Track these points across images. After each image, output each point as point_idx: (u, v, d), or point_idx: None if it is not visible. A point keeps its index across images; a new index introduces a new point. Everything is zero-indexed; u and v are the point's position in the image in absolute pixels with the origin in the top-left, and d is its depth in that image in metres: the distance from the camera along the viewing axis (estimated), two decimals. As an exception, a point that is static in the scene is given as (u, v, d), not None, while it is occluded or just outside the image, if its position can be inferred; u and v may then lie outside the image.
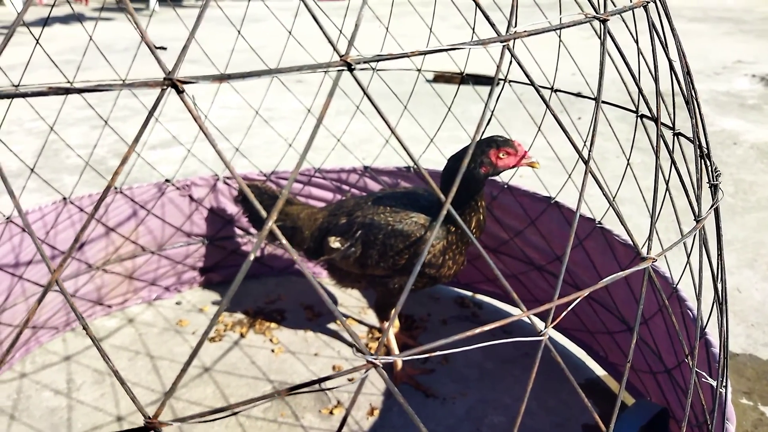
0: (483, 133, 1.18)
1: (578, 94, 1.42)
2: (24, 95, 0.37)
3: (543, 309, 0.45)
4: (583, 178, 0.44)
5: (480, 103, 3.54)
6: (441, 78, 4.25)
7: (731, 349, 1.64)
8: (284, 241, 0.42)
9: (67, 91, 0.36)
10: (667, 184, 0.92)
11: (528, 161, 1.26)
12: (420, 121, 1.77)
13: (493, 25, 0.42)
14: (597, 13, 0.46)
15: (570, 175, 1.46)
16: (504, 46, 0.40)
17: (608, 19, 0.45)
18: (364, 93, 0.40)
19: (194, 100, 0.39)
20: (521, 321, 1.72)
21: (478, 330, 0.45)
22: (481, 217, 1.35)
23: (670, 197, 0.95)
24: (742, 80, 4.58)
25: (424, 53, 0.41)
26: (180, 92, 0.37)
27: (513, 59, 0.41)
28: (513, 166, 1.27)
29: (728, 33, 6.61)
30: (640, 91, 0.59)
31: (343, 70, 0.38)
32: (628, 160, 1.17)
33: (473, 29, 1.16)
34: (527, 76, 0.47)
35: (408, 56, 0.39)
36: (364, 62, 0.39)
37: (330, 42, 0.39)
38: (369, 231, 1.39)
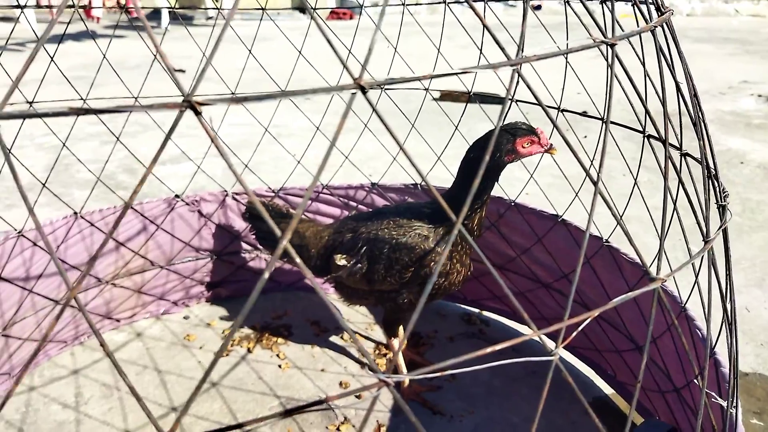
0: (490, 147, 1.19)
1: (585, 114, 1.43)
2: (45, 115, 0.38)
3: (554, 329, 0.45)
4: (593, 199, 0.44)
5: (486, 122, 3.56)
6: (447, 96, 4.28)
7: (741, 368, 1.63)
8: (298, 259, 0.42)
9: (86, 112, 0.37)
10: (674, 204, 0.93)
11: (548, 148, 1.27)
12: (426, 138, 1.79)
13: (503, 49, 0.43)
14: (605, 37, 0.47)
15: (577, 193, 1.47)
16: (514, 70, 0.41)
17: (616, 44, 0.46)
18: (377, 114, 0.41)
19: (211, 121, 0.40)
20: (530, 339, 1.71)
21: (489, 350, 0.45)
22: (482, 215, 1.35)
23: (678, 217, 0.95)
24: (748, 100, 4.59)
25: (435, 77, 0.42)
26: (198, 113, 0.38)
27: (524, 82, 0.42)
28: (534, 154, 1.28)
29: (734, 54, 6.64)
30: (647, 112, 0.60)
31: (356, 93, 0.40)
32: (635, 180, 1.17)
33: (480, 51, 1.18)
34: (536, 98, 0.48)
35: (419, 80, 0.40)
36: (377, 86, 0.40)
37: (344, 65, 0.40)
38: (374, 246, 1.39)
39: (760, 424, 1.44)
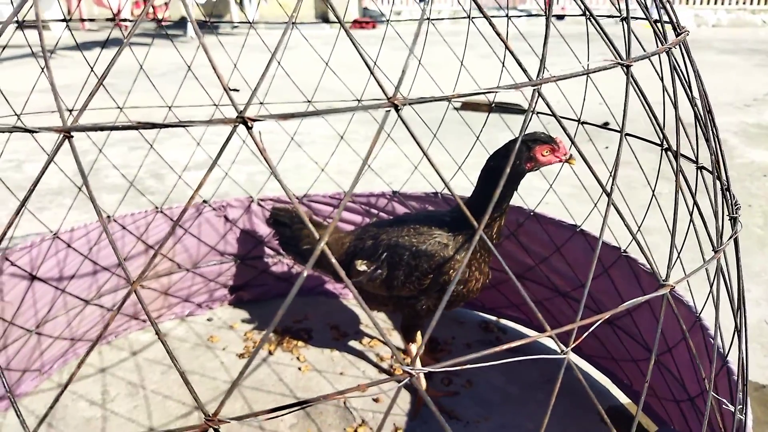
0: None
1: (604, 126, 1.46)
2: (114, 128, 0.43)
3: (566, 329, 0.48)
4: (605, 211, 0.48)
5: (506, 131, 3.59)
6: (468, 106, 4.31)
7: (759, 380, 1.63)
8: (333, 260, 0.46)
9: (152, 126, 0.41)
10: (691, 215, 0.95)
11: (567, 158, 1.30)
12: (447, 147, 1.83)
13: (525, 71, 0.46)
14: (621, 58, 0.50)
15: (596, 204, 1.49)
16: (534, 90, 0.45)
17: (632, 65, 0.50)
18: (408, 131, 0.44)
19: (260, 134, 0.44)
20: (545, 346, 1.73)
21: (504, 346, 0.49)
22: (502, 224, 1.38)
23: (694, 228, 0.97)
24: (773, 112, 4.55)
25: (461, 96, 0.46)
26: (249, 128, 0.42)
27: (543, 101, 0.46)
28: (553, 163, 1.30)
29: (760, 65, 6.57)
30: (661, 129, 0.63)
31: (390, 110, 0.43)
32: (653, 191, 1.20)
33: (503, 64, 1.21)
34: (553, 114, 0.51)
35: (447, 99, 0.43)
36: (409, 104, 0.44)
37: (378, 83, 0.44)
38: (394, 253, 1.43)
39: (777, 437, 1.44)
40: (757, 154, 3.55)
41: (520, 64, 0.46)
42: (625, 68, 0.50)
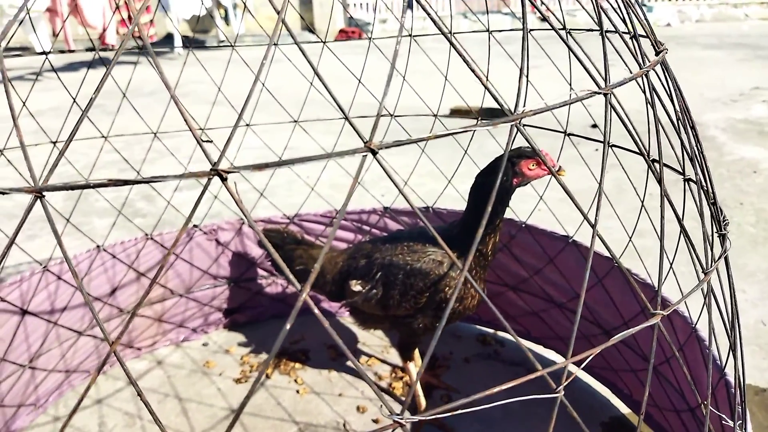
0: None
1: (590, 138, 1.45)
2: (88, 187, 0.42)
3: (557, 368, 0.48)
4: (591, 240, 0.47)
5: (496, 137, 3.59)
6: (457, 113, 4.32)
7: (759, 384, 1.62)
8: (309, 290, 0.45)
9: (126, 183, 0.40)
10: (681, 225, 0.95)
11: (556, 170, 1.29)
12: (437, 156, 1.82)
13: (502, 108, 0.46)
14: (599, 87, 0.50)
15: (585, 216, 1.48)
16: (512, 125, 0.44)
17: (609, 93, 0.49)
18: (386, 173, 0.44)
19: (236, 188, 0.44)
20: (546, 359, 1.72)
21: (507, 385, 0.48)
22: (497, 239, 1.37)
23: (687, 236, 0.97)
24: (761, 107, 4.57)
25: (438, 137, 0.45)
26: (224, 180, 0.41)
27: (521, 136, 0.45)
28: (542, 176, 1.30)
29: (744, 59, 6.62)
30: (639, 145, 0.62)
31: (366, 155, 0.43)
32: (642, 201, 1.19)
33: (486, 78, 1.21)
34: (541, 158, 0.50)
35: (426, 140, 0.43)
36: (386, 147, 0.43)
37: (356, 131, 0.44)
38: (389, 272, 1.42)
39: (780, 440, 1.43)
40: (746, 151, 3.56)
41: (497, 100, 0.45)
42: (604, 96, 0.49)
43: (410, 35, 1.40)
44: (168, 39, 9.59)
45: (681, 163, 0.91)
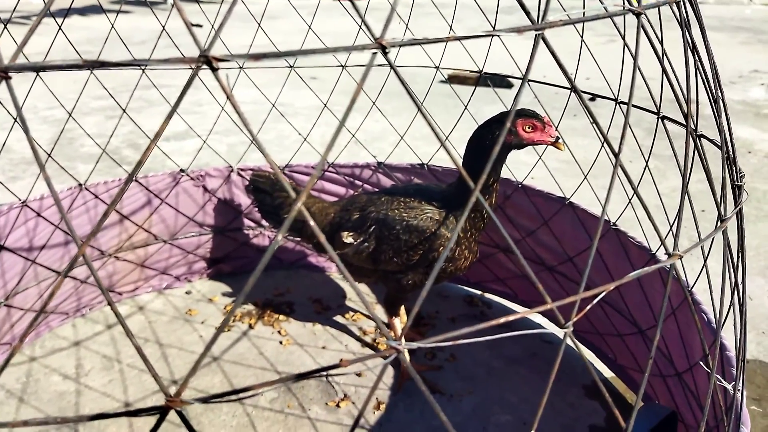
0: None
1: (596, 96, 1.41)
2: (59, 68, 0.37)
3: (568, 301, 0.45)
4: (611, 180, 0.43)
5: (494, 104, 3.54)
6: (455, 79, 4.25)
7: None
8: (312, 222, 0.42)
9: (101, 65, 0.36)
10: (686, 187, 0.92)
11: (553, 140, 1.24)
12: (434, 120, 1.78)
13: (528, 13, 0.42)
14: (631, 5, 0.46)
15: (586, 176, 1.46)
16: (537, 35, 0.40)
17: (642, 13, 0.45)
18: (396, 75, 0.40)
19: (228, 78, 0.39)
20: (530, 321, 1.71)
21: (493, 322, 0.45)
22: (493, 201, 1.34)
23: (690, 201, 0.94)
24: (758, 90, 4.55)
25: (458, 38, 0.41)
26: (215, 70, 0.37)
27: (548, 48, 0.41)
28: (537, 142, 1.25)
29: (745, 42, 6.57)
30: (673, 90, 0.59)
31: (377, 51, 0.38)
32: (647, 162, 1.16)
33: (494, 27, 1.16)
34: (562, 68, 0.46)
35: (442, 41, 0.39)
36: (399, 46, 0.39)
37: (366, 26, 0.39)
38: (383, 226, 1.38)
39: (759, 410, 1.44)
40: (742, 131, 3.54)
41: (523, 6, 0.41)
42: (636, 16, 0.45)
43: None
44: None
45: (694, 120, 0.87)
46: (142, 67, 0.36)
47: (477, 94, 1.83)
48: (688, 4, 0.66)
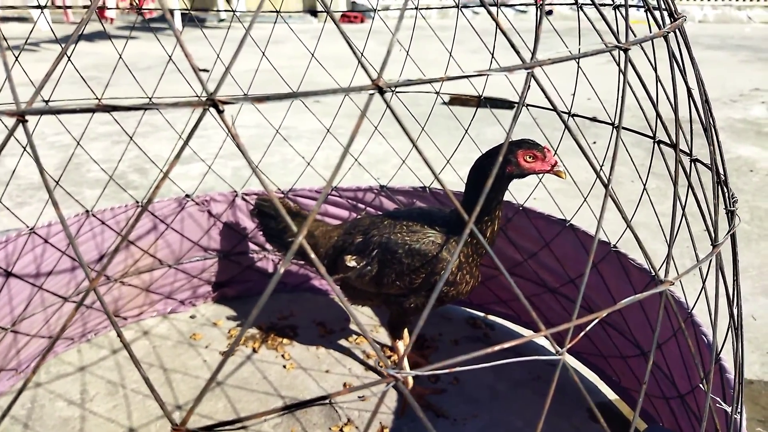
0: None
1: (594, 119, 1.43)
2: (68, 112, 0.39)
3: (561, 328, 0.46)
4: (603, 202, 0.45)
5: (495, 126, 3.57)
6: (457, 101, 4.29)
7: (746, 376, 1.62)
8: (313, 255, 0.43)
9: (112, 109, 0.38)
10: (683, 210, 0.93)
11: (555, 170, 1.26)
12: (436, 142, 1.80)
13: (517, 52, 0.44)
14: (618, 42, 0.47)
15: (585, 198, 1.47)
16: (528, 73, 0.42)
17: (629, 48, 0.47)
18: (393, 115, 0.41)
19: (232, 118, 0.41)
20: (535, 343, 1.71)
21: (497, 348, 0.46)
22: (495, 228, 1.35)
23: (687, 223, 0.95)
24: (760, 108, 4.57)
25: (450, 79, 0.43)
26: (220, 112, 0.39)
27: (537, 85, 0.43)
28: (538, 172, 1.26)
29: (746, 61, 6.61)
30: (660, 116, 0.60)
31: (374, 93, 0.40)
32: (645, 185, 1.18)
33: (492, 55, 1.19)
34: (550, 101, 0.48)
35: (435, 81, 0.40)
36: (395, 87, 0.41)
37: (363, 67, 0.41)
38: (386, 250, 1.40)
39: (766, 433, 1.43)
40: (743, 150, 3.56)
41: (513, 46, 0.43)
42: (622, 52, 0.47)
43: (416, 8, 1.37)
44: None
45: (688, 144, 0.89)
46: (152, 109, 0.37)
47: (478, 115, 1.86)
48: (679, 36, 0.68)
